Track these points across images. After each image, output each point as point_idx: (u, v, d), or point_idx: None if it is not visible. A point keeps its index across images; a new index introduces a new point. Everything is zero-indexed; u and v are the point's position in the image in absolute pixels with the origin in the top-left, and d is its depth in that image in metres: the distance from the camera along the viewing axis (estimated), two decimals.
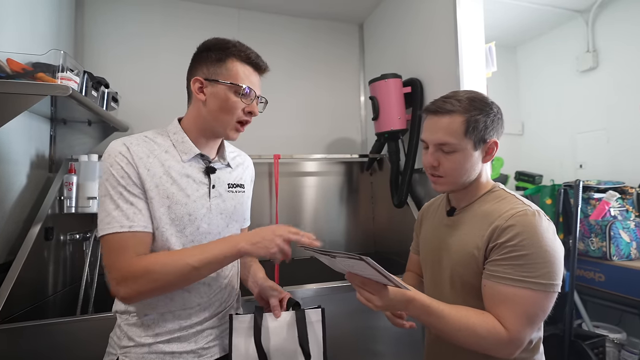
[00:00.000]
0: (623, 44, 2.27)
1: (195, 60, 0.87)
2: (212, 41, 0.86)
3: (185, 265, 0.74)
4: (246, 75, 0.85)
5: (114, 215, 0.75)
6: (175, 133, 0.88)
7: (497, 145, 0.86)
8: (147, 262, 0.74)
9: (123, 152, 0.79)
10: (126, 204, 0.77)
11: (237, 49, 0.84)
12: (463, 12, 1.53)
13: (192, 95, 0.87)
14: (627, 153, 2.22)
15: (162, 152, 0.84)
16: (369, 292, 0.73)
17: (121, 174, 0.77)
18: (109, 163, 0.78)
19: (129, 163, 0.78)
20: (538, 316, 0.73)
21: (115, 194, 0.77)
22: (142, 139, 0.84)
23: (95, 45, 1.99)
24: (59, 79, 1.19)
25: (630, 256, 1.87)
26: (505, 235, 0.76)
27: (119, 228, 0.75)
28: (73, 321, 1.16)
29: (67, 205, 1.46)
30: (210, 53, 0.84)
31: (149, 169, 0.80)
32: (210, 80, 0.83)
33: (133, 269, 0.73)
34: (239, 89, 0.83)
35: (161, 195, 0.80)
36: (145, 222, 0.78)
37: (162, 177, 0.81)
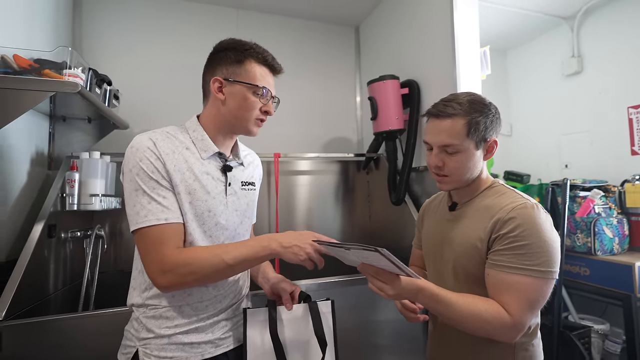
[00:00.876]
0: (606, 49, 2.39)
1: (213, 60, 0.90)
2: (230, 42, 0.89)
3: (221, 261, 0.77)
4: (263, 77, 0.88)
5: (150, 209, 0.78)
6: (194, 130, 0.90)
7: (497, 143, 0.91)
8: (187, 255, 0.77)
9: (151, 147, 0.81)
10: (160, 197, 0.79)
11: (255, 51, 0.88)
12: (460, 16, 1.59)
13: (211, 94, 0.90)
14: (610, 154, 2.33)
15: (183, 148, 0.86)
16: (382, 281, 0.77)
17: (151, 169, 0.80)
18: (138, 158, 0.80)
19: (158, 158, 0.81)
20: (538, 301, 0.79)
21: (148, 188, 0.79)
22: (165, 135, 0.86)
23: (93, 42, 1.98)
24: (66, 76, 1.20)
25: (613, 251, 1.98)
26: (507, 227, 0.81)
27: (156, 221, 0.77)
28: (78, 317, 1.17)
29: (69, 203, 1.45)
30: (229, 53, 0.87)
31: (174, 164, 0.83)
32: (230, 80, 0.86)
33: (175, 260, 0.76)
34: (258, 90, 0.87)
35: (185, 191, 0.83)
36: (179, 214, 0.81)
37: (186, 173, 0.84)
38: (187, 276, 0.77)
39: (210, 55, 0.91)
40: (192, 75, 2.07)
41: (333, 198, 2.40)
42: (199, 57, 0.96)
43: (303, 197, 2.33)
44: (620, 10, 2.29)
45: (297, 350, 0.90)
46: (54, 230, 1.42)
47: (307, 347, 0.90)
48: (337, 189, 2.41)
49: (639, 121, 2.18)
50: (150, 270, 0.77)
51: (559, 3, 2.42)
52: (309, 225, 2.31)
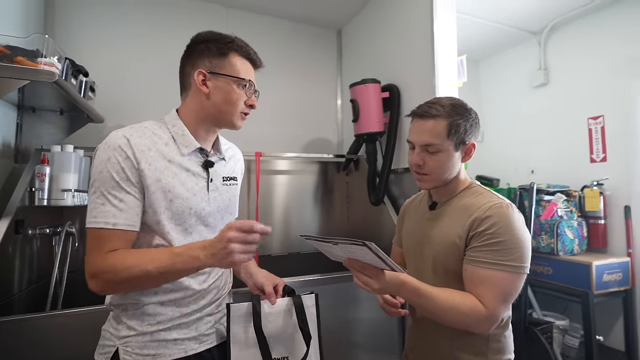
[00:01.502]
0: (570, 63, 2.56)
1: (193, 52, 0.87)
2: (210, 35, 0.87)
3: (146, 271, 0.73)
4: (245, 70, 0.88)
5: (101, 210, 0.76)
6: (174, 125, 0.88)
7: (475, 147, 0.97)
8: (113, 260, 0.74)
9: (123, 145, 0.78)
10: (115, 200, 0.76)
11: (238, 45, 0.87)
12: (439, 25, 1.66)
13: (192, 87, 0.87)
14: (571, 161, 2.50)
15: (162, 144, 0.84)
16: (368, 276, 0.80)
17: (116, 169, 0.77)
18: (107, 156, 0.77)
19: (128, 157, 0.77)
20: (512, 294, 0.84)
21: (106, 189, 0.76)
22: (142, 131, 0.83)
23: (67, 30, 1.89)
24: (41, 64, 1.14)
25: (574, 251, 2.12)
26: (484, 225, 0.86)
27: (104, 224, 0.75)
28: (45, 317, 1.11)
29: (38, 197, 1.38)
30: (211, 46, 0.85)
31: (150, 163, 0.80)
32: (214, 73, 0.85)
33: (101, 265, 0.74)
34: (243, 83, 0.87)
35: (163, 190, 0.81)
36: (130, 220, 0.77)
37: (164, 171, 0.81)
38: (113, 282, 0.74)
39: (189, 47, 0.89)
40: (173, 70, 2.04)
41: (312, 198, 2.42)
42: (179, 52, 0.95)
43: (282, 196, 2.34)
44: (584, 28, 2.47)
45: (281, 344, 0.90)
46: (22, 226, 1.35)
47: (291, 340, 0.91)
48: (317, 189, 2.43)
49: (597, 131, 2.35)
50: (86, 273, 0.75)
51: (528, 19, 2.57)
52: (287, 224, 2.32)
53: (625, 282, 2.02)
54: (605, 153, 2.29)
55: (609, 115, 2.29)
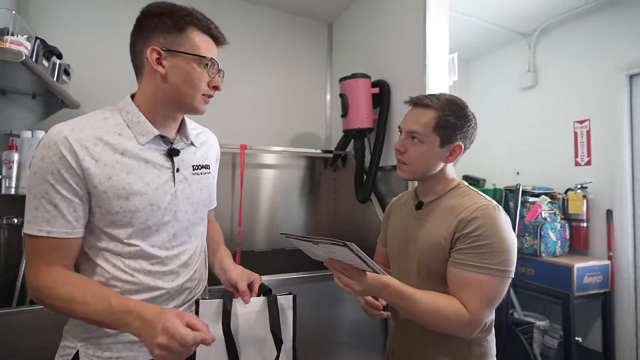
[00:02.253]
0: (558, 67, 2.58)
1: (144, 26, 0.76)
2: (164, 6, 0.76)
3: (72, 311, 0.67)
4: (207, 47, 0.78)
5: (34, 215, 0.69)
6: (128, 112, 0.78)
7: (461, 149, 0.93)
8: (52, 283, 0.68)
9: (59, 142, 0.69)
10: (49, 205, 0.68)
11: (197, 18, 0.77)
12: (431, 24, 1.63)
13: (145, 67, 0.77)
14: (557, 163, 2.53)
15: (114, 135, 0.74)
16: (349, 277, 0.76)
17: (51, 169, 0.68)
18: (41, 154, 0.69)
19: (63, 157, 0.68)
20: (496, 298, 0.82)
21: (39, 192, 0.68)
22: (88, 124, 0.73)
23: (41, 10, 1.79)
24: (7, 43, 1.06)
25: (556, 253, 2.14)
26: (470, 227, 0.84)
27: (37, 232, 0.68)
28: (12, 313, 1.05)
29: (5, 186, 1.31)
30: (165, 19, 0.75)
31: (97, 159, 0.71)
32: (170, 50, 0.74)
33: (35, 281, 0.69)
34: (204, 61, 0.77)
35: (116, 187, 0.72)
36: (68, 227, 0.70)
37: (116, 166, 0.73)
38: (45, 304, 0.68)
39: (139, 20, 0.77)
40: None
41: (298, 193, 2.37)
42: None
43: (268, 191, 2.29)
44: (574, 31, 2.48)
45: (251, 347, 0.84)
46: None
47: (262, 343, 0.85)
48: (303, 185, 2.39)
49: (582, 135, 2.37)
50: (26, 281, 0.71)
51: (519, 20, 2.57)
52: (272, 219, 2.27)
53: (605, 284, 2.05)
54: (590, 157, 2.32)
55: (595, 120, 2.31)
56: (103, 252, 0.76)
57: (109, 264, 0.75)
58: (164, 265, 0.80)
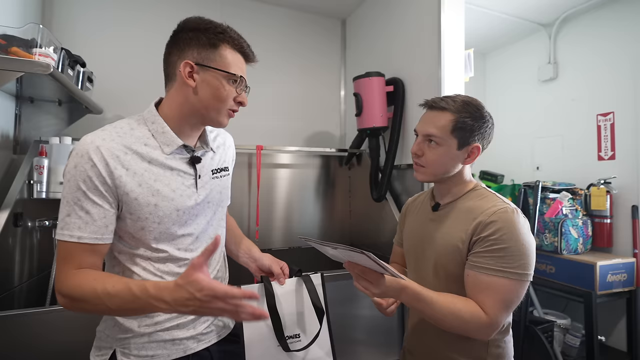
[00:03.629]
0: (580, 58, 2.49)
1: (180, 40, 0.79)
2: (200, 22, 0.79)
3: (101, 304, 0.69)
4: (237, 64, 0.81)
5: (67, 222, 0.72)
6: (154, 122, 0.81)
7: (479, 150, 0.93)
8: (76, 283, 0.70)
9: (91, 151, 0.72)
10: (81, 211, 0.72)
11: (230, 36, 0.80)
12: (447, 18, 1.61)
13: (177, 79, 0.79)
14: (578, 158, 2.45)
15: (141, 145, 0.78)
16: (368, 280, 0.78)
17: (83, 177, 0.71)
18: (74, 163, 0.72)
19: (95, 165, 0.71)
20: (513, 302, 0.82)
21: (72, 199, 0.72)
22: (116, 134, 0.77)
23: (65, 20, 1.86)
24: (37, 55, 1.12)
25: (578, 251, 2.09)
26: (488, 230, 0.84)
27: (68, 237, 0.71)
28: (46, 312, 1.11)
29: (37, 190, 1.37)
30: (200, 35, 0.78)
31: (127, 167, 0.75)
32: (202, 65, 0.78)
33: (64, 285, 0.71)
34: (234, 78, 0.80)
35: (146, 194, 0.76)
36: (98, 233, 0.73)
37: (144, 174, 0.76)
38: (74, 305, 0.71)
39: (175, 33, 0.80)
40: None
41: (314, 192, 2.39)
42: None
43: (284, 190, 2.32)
44: (596, 21, 2.39)
45: (292, 323, 0.94)
46: (20, 219, 1.34)
47: (301, 319, 0.95)
48: (318, 184, 2.41)
49: (606, 128, 2.30)
50: (55, 286, 0.73)
51: (538, 10, 2.49)
52: (288, 218, 2.31)
53: (630, 283, 1.99)
54: (614, 151, 2.24)
55: (620, 112, 2.23)
56: (133, 256, 0.80)
57: (139, 268, 0.79)
58: None
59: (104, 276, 0.72)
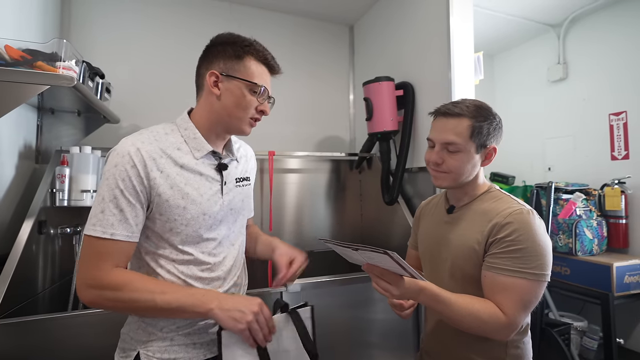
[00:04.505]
0: (590, 57, 2.48)
1: (210, 53, 0.86)
2: (229, 37, 0.86)
3: (152, 301, 0.74)
4: (261, 75, 0.86)
5: (100, 218, 0.75)
6: (186, 129, 0.86)
7: (496, 151, 0.95)
8: (122, 280, 0.74)
9: (132, 152, 0.77)
10: (116, 209, 0.75)
11: (255, 49, 0.85)
12: (456, 22, 1.62)
13: (205, 88, 0.86)
14: (591, 158, 2.43)
15: (174, 149, 0.83)
16: (387, 281, 0.79)
17: (122, 176, 0.76)
18: (114, 162, 0.77)
19: (135, 166, 0.76)
20: (532, 302, 0.83)
21: (108, 197, 0.75)
22: (153, 137, 0.82)
23: (83, 33, 1.92)
24: (60, 69, 1.16)
25: (593, 252, 2.07)
26: (504, 231, 0.84)
27: (101, 234, 0.74)
28: (69, 317, 1.14)
29: (59, 198, 1.42)
30: (228, 48, 0.84)
31: (162, 170, 0.79)
32: (227, 75, 0.83)
33: (107, 281, 0.73)
34: (255, 88, 0.84)
35: (176, 197, 0.80)
36: (129, 231, 0.76)
37: (176, 177, 0.81)
38: (111, 301, 0.74)
39: (207, 47, 0.88)
40: (184, 68, 2.05)
41: (325, 196, 2.41)
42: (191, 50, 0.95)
43: (295, 195, 2.34)
44: (606, 19, 2.38)
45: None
46: (44, 227, 1.38)
47: (287, 357, 0.86)
48: (329, 188, 2.43)
49: (619, 128, 2.28)
50: (79, 280, 0.75)
51: (547, 11, 2.49)
52: (300, 223, 2.32)
53: None
54: (628, 150, 2.22)
55: (632, 111, 2.21)
56: (159, 258, 0.83)
57: (164, 270, 0.83)
58: (212, 271, 0.87)
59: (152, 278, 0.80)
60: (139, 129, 0.86)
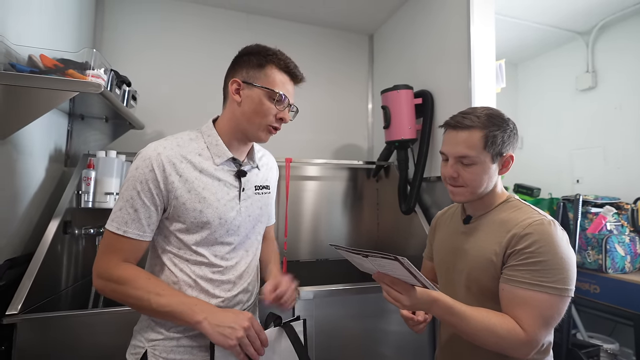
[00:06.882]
0: (620, 66, 2.38)
1: (235, 63, 0.91)
2: (254, 47, 0.90)
3: (147, 301, 0.76)
4: (282, 83, 0.88)
5: (118, 215, 0.80)
6: (209, 135, 0.90)
7: (513, 158, 0.92)
8: (127, 275, 0.78)
9: (152, 157, 0.81)
10: (131, 209, 0.80)
11: (277, 57, 0.88)
12: (476, 29, 1.60)
13: (228, 96, 0.90)
14: (622, 170, 2.31)
15: (195, 155, 0.86)
16: (398, 291, 0.77)
17: (141, 179, 0.80)
18: (136, 165, 0.82)
19: (152, 170, 0.80)
20: (553, 318, 0.78)
21: (127, 196, 0.80)
22: (175, 143, 0.86)
23: (112, 43, 2.02)
24: (90, 76, 1.22)
25: (625, 269, 1.95)
26: (523, 243, 0.81)
27: (115, 229, 0.80)
28: (88, 314, 1.18)
29: (84, 200, 1.48)
30: (252, 57, 0.88)
31: (181, 174, 0.83)
32: (248, 83, 0.87)
33: (113, 274, 0.78)
34: (274, 95, 0.87)
35: (193, 200, 0.83)
36: (141, 230, 0.81)
37: (195, 181, 0.84)
38: (114, 292, 0.78)
39: (234, 59, 0.92)
40: (205, 77, 2.12)
41: (342, 204, 2.40)
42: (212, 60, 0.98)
43: (312, 202, 2.34)
44: (636, 27, 2.28)
45: None
46: (69, 227, 1.44)
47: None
48: (346, 196, 2.41)
49: None
50: (94, 268, 0.81)
51: (574, 18, 2.42)
52: (316, 230, 2.32)
53: None
54: None
55: None
56: (173, 257, 0.86)
57: (177, 269, 0.85)
58: (223, 274, 0.88)
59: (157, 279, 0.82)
60: (162, 135, 0.90)
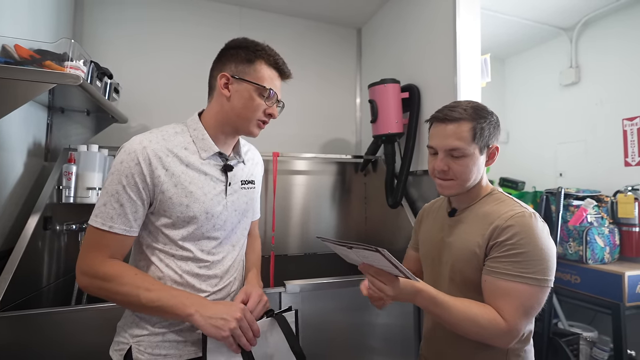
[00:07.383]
0: (603, 61, 2.42)
1: (222, 56, 0.89)
2: (242, 41, 0.88)
3: (136, 296, 0.75)
4: (271, 79, 0.88)
5: (102, 211, 0.78)
6: (195, 129, 0.89)
7: (498, 150, 0.94)
8: (113, 272, 0.76)
9: (138, 151, 0.79)
10: (116, 203, 0.78)
11: (267, 53, 0.87)
12: (462, 24, 1.60)
13: (216, 90, 0.88)
14: (603, 164, 2.37)
15: (181, 149, 0.85)
16: (382, 282, 0.78)
17: (126, 173, 0.78)
18: (121, 159, 0.79)
19: (139, 164, 0.78)
20: (533, 308, 0.80)
21: (111, 190, 0.78)
22: (161, 137, 0.84)
23: (94, 35, 1.96)
24: (68, 68, 1.18)
25: (604, 260, 2.01)
26: (505, 235, 0.82)
27: (100, 225, 0.77)
28: (70, 311, 1.17)
29: (65, 195, 1.44)
30: (240, 52, 0.86)
31: (167, 168, 0.81)
32: (237, 78, 0.85)
33: (99, 271, 0.76)
34: (264, 91, 0.86)
35: (180, 194, 0.82)
36: (127, 225, 0.79)
37: (181, 176, 0.83)
38: (100, 289, 0.76)
39: (220, 51, 0.90)
40: (191, 70, 2.08)
41: (330, 198, 2.40)
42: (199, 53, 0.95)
43: (300, 196, 2.34)
44: (619, 23, 2.33)
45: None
46: (50, 223, 1.41)
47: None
48: (334, 190, 2.42)
49: (633, 133, 2.21)
50: (77, 265, 0.79)
51: (559, 14, 2.45)
52: (304, 224, 2.32)
53: None
54: None
55: None
56: (159, 252, 0.84)
57: (163, 264, 0.84)
58: (209, 269, 0.87)
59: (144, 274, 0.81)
60: (147, 129, 0.88)
